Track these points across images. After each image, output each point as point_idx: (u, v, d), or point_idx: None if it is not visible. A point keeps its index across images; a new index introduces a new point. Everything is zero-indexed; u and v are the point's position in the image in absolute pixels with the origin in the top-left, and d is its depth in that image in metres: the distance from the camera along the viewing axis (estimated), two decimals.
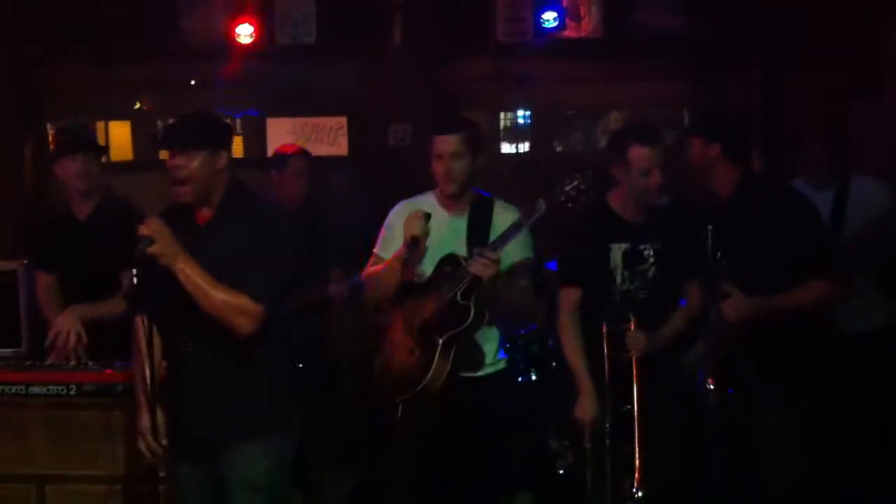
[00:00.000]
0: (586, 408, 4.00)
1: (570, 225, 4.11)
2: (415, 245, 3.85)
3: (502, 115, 8.32)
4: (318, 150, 7.19)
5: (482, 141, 4.05)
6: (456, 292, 3.82)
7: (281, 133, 7.30)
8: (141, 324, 3.49)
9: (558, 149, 8.11)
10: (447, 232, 3.99)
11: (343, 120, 7.40)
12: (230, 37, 6.66)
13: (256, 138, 7.46)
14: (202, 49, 6.71)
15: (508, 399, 4.61)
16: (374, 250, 4.13)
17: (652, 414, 3.95)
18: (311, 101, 7.29)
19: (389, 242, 4.05)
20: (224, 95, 7.18)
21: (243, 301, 3.32)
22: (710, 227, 3.85)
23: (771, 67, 6.86)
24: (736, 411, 3.96)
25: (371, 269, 4.10)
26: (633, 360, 3.93)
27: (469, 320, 3.80)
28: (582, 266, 4.10)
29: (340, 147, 7.42)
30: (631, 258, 4.03)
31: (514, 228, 3.78)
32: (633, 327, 3.95)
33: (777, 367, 3.94)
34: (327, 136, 7.42)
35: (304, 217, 5.22)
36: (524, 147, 8.26)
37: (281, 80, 7.10)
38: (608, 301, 4.03)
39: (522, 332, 5.54)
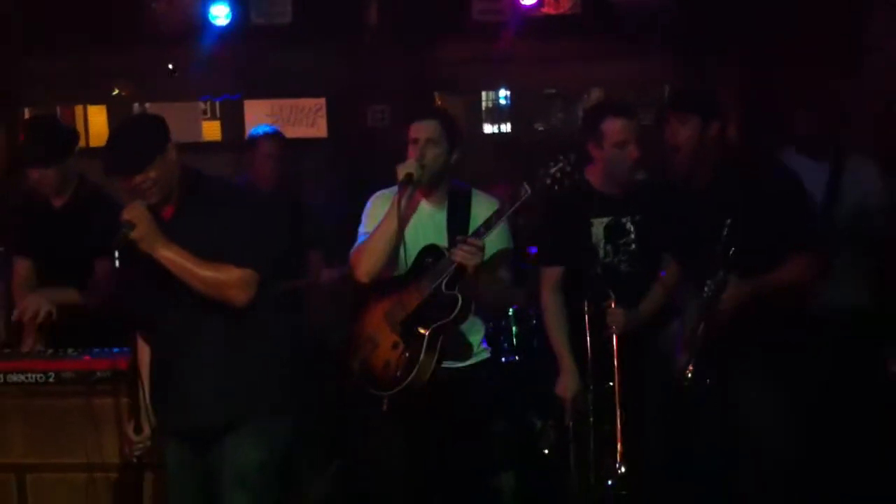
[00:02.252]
0: (567, 385, 4.00)
1: (549, 204, 4.08)
2: (410, 183, 3.77)
3: (484, 94, 8.29)
4: (298, 132, 7.20)
5: (460, 135, 3.97)
6: (440, 283, 3.75)
7: (259, 115, 7.24)
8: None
9: (540, 128, 8.08)
10: (427, 224, 3.93)
11: (322, 101, 7.36)
12: (204, 19, 6.58)
13: (234, 122, 7.40)
14: (176, 32, 6.63)
15: (493, 385, 4.64)
16: (361, 230, 4.00)
17: (633, 390, 3.96)
18: (289, 83, 7.23)
19: (375, 219, 3.93)
20: (200, 79, 7.12)
21: (232, 271, 3.30)
22: (728, 221, 3.79)
23: (751, 46, 6.84)
24: (717, 396, 3.96)
25: (360, 247, 3.92)
26: (614, 337, 3.92)
27: (456, 310, 3.72)
28: (563, 244, 4.08)
29: (320, 128, 7.38)
30: (613, 232, 4.02)
31: (497, 215, 3.70)
32: (612, 305, 3.94)
33: (760, 348, 3.93)
34: (306, 118, 7.37)
35: (279, 200, 5.18)
36: (506, 127, 8.23)
37: (257, 61, 7.04)
38: (590, 277, 4.01)
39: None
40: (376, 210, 3.95)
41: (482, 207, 3.89)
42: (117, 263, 3.27)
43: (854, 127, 4.95)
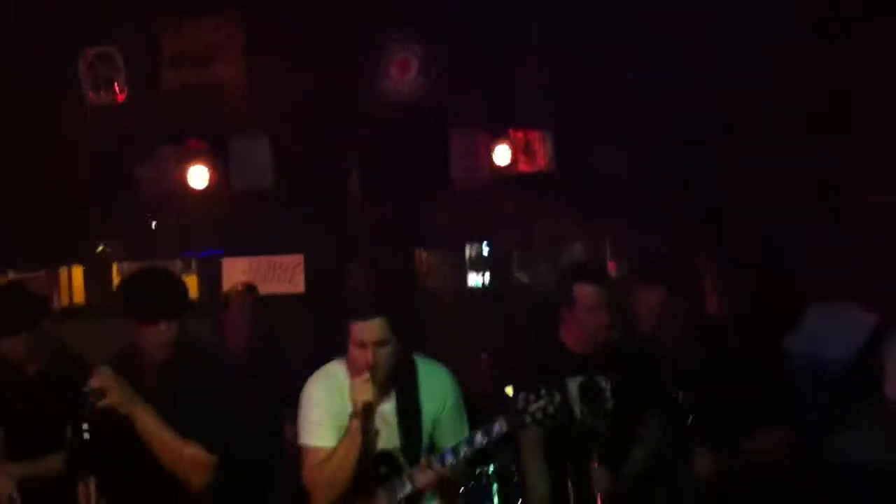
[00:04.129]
0: None
1: (524, 369, 4.06)
2: (370, 413, 3.47)
3: (467, 249, 8.38)
4: (275, 287, 7.21)
5: (409, 317, 3.86)
6: (396, 501, 3.51)
7: (237, 272, 7.26)
8: (85, 491, 3.34)
9: (524, 280, 8.12)
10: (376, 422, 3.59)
11: (300, 258, 7.41)
12: (183, 182, 6.69)
13: (211, 279, 7.42)
14: (157, 194, 6.74)
15: None
16: (306, 443, 3.61)
17: None
18: (268, 240, 7.29)
19: (325, 428, 3.57)
20: (180, 238, 7.18)
21: (200, 453, 3.23)
22: (680, 393, 3.79)
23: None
24: None
25: (315, 467, 3.57)
26: (599, 498, 3.83)
27: None
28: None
29: (297, 285, 7.40)
30: (587, 391, 3.98)
31: (467, 442, 3.48)
32: (595, 465, 3.87)
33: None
34: (284, 274, 7.40)
35: (254, 358, 5.16)
36: (486, 281, 8.28)
37: (237, 221, 7.12)
38: (569, 438, 3.95)
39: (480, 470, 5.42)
40: (325, 405, 3.60)
41: (432, 391, 3.66)
42: (85, 436, 3.19)
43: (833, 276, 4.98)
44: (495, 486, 5.45)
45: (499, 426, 3.44)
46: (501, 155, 7.05)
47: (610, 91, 6.43)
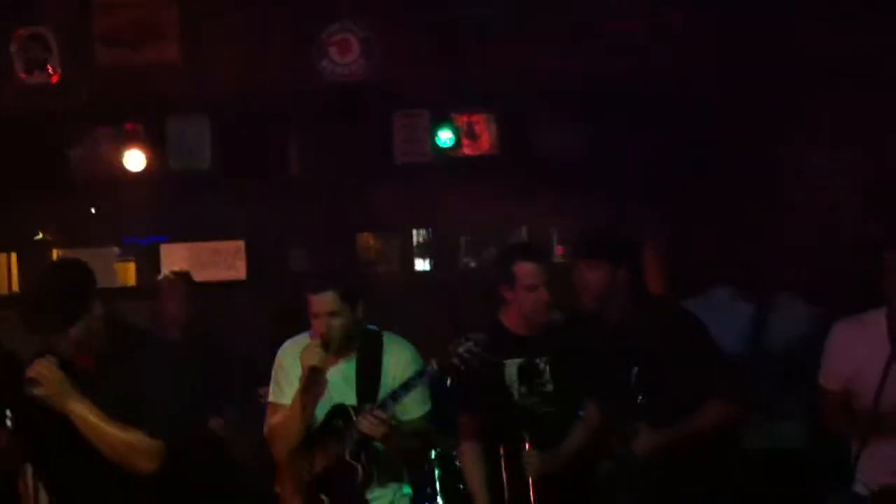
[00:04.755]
0: None
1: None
2: (317, 377, 3.66)
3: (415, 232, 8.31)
4: (216, 274, 7.13)
5: (360, 291, 3.89)
6: (344, 450, 3.69)
7: (176, 259, 7.13)
8: (24, 481, 3.31)
9: (472, 265, 8.08)
10: (336, 378, 3.80)
11: (241, 244, 7.30)
12: (119, 165, 6.54)
13: (149, 266, 7.28)
14: (93, 178, 6.59)
15: None
16: (270, 399, 3.92)
17: None
18: (208, 226, 7.18)
19: (285, 387, 3.85)
20: (118, 224, 7.05)
21: (143, 439, 3.15)
22: (635, 369, 3.75)
23: (674, 189, 6.94)
24: None
25: (273, 420, 3.86)
26: (531, 480, 3.79)
27: (357, 481, 3.68)
28: (477, 389, 3.99)
29: (238, 271, 7.30)
30: (526, 373, 3.95)
31: (403, 387, 3.69)
32: (528, 447, 3.82)
33: (686, 488, 3.82)
34: (225, 260, 7.29)
35: (191, 344, 5.10)
36: (429, 265, 8.22)
37: (177, 205, 6.99)
38: (506, 419, 3.91)
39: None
40: (287, 367, 3.85)
41: (395, 358, 3.84)
42: (8, 423, 3.12)
43: (779, 261, 4.99)
44: (437, 472, 5.41)
45: (431, 367, 3.68)
46: (444, 138, 6.99)
47: (554, 73, 6.40)
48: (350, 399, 3.79)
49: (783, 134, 6.36)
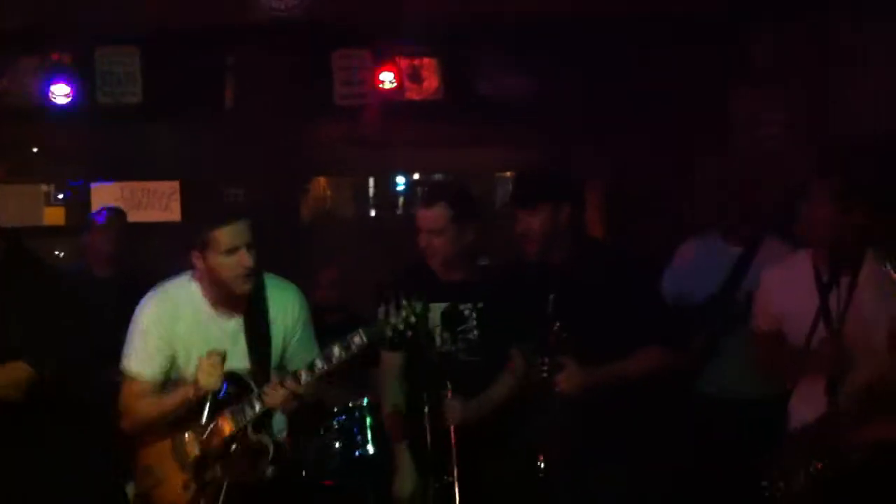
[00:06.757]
0: (401, 485, 3.81)
1: (390, 289, 3.86)
2: (210, 400, 3.28)
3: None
4: (150, 215, 6.98)
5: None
6: (245, 425, 3.36)
7: (108, 200, 6.90)
8: None
9: (402, 213, 7.97)
10: (220, 338, 3.43)
11: (175, 184, 7.10)
12: (45, 97, 6.28)
13: (80, 206, 7.07)
14: (16, 111, 6.33)
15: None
16: (128, 368, 3.46)
17: (479, 485, 3.68)
18: (141, 165, 6.97)
19: (147, 356, 3.42)
20: (44, 161, 6.82)
21: (17, 370, 3.11)
22: (551, 296, 3.63)
23: (618, 130, 6.84)
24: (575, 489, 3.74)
25: (137, 405, 3.42)
26: (452, 429, 3.67)
27: (269, 459, 3.37)
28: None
29: (173, 212, 7.11)
30: (450, 318, 3.81)
31: (324, 358, 3.33)
32: (449, 395, 3.70)
33: (616, 436, 3.73)
34: (159, 201, 7.10)
35: (121, 282, 4.92)
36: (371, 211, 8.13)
37: (107, 142, 6.77)
38: (428, 365, 3.77)
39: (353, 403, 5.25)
40: (150, 339, 3.42)
41: (282, 308, 3.55)
42: None
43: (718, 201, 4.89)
44: (368, 420, 5.30)
45: (359, 338, 3.30)
46: (387, 81, 6.80)
47: (499, 15, 6.24)
48: (241, 363, 3.45)
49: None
